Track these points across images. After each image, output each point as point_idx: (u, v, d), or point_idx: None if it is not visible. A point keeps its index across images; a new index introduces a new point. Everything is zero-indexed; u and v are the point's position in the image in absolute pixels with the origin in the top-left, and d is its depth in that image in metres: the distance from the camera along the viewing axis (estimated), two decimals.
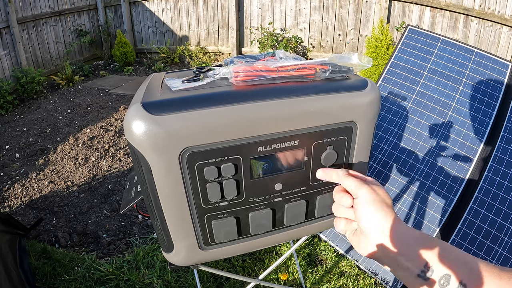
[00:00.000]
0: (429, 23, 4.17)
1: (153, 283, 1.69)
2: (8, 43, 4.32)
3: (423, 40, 1.94)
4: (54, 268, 1.81)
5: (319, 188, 0.63)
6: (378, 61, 4.07)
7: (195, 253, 0.62)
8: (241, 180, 0.57)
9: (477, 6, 3.83)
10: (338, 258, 1.78)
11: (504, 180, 1.54)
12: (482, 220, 1.50)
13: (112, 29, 5.84)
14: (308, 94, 0.55)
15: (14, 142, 3.29)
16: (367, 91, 0.59)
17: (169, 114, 0.49)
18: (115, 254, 1.95)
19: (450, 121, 1.74)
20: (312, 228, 0.69)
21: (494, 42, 3.90)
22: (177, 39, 5.69)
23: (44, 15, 4.84)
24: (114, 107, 3.97)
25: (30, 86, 4.21)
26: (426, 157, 1.71)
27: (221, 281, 1.68)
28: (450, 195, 1.61)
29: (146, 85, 0.62)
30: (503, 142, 1.60)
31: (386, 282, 1.60)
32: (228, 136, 0.52)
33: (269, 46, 4.74)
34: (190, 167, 0.53)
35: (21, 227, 1.82)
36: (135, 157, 0.54)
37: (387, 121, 1.85)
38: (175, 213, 0.56)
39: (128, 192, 0.88)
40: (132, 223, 2.22)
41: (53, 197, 2.48)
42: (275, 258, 1.81)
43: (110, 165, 2.84)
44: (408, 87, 1.88)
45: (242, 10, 5.13)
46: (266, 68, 0.56)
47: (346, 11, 4.57)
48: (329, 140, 0.59)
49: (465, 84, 1.78)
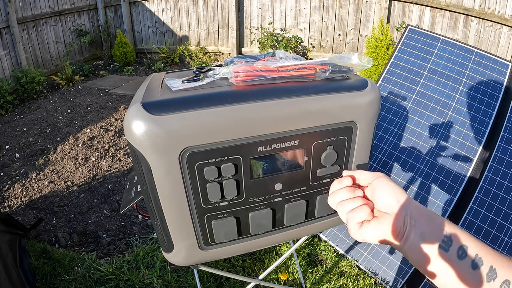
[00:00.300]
0: (429, 23, 4.17)
1: (153, 283, 1.69)
2: (8, 43, 4.32)
3: (423, 40, 1.94)
4: (54, 268, 1.81)
5: (319, 188, 0.63)
6: (378, 61, 4.07)
7: (195, 253, 0.62)
8: (241, 180, 0.57)
9: (477, 6, 3.83)
10: (338, 258, 1.78)
11: (504, 180, 1.54)
12: (482, 220, 1.50)
13: (112, 29, 5.83)
14: (308, 94, 0.55)
15: (14, 142, 3.29)
16: (367, 91, 0.59)
17: (169, 114, 0.49)
18: (115, 254, 1.95)
19: (450, 121, 1.74)
20: (312, 228, 0.69)
21: (494, 42, 3.89)
22: (177, 39, 5.69)
23: (44, 15, 4.84)
24: (114, 107, 3.97)
25: (30, 86, 4.21)
26: (426, 157, 1.71)
27: (221, 281, 1.68)
28: (450, 195, 1.61)
29: (146, 85, 0.62)
30: (503, 142, 1.60)
31: (386, 282, 1.60)
32: (228, 136, 0.52)
33: (269, 46, 4.74)
34: (190, 167, 0.53)
35: (21, 227, 1.82)
36: (135, 157, 0.54)
37: (387, 121, 1.85)
38: (175, 213, 0.56)
39: (128, 192, 0.88)
40: (132, 223, 2.22)
41: (53, 197, 2.48)
42: (275, 258, 1.81)
43: (110, 165, 2.84)
44: (408, 87, 1.87)
45: (242, 10, 5.13)
46: (266, 68, 0.56)
47: (346, 11, 4.57)
48: (329, 140, 0.59)
49: (465, 84, 1.78)
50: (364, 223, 0.50)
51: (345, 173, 0.58)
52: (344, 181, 0.55)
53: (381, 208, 0.49)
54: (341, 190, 0.54)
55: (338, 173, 0.63)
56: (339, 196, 0.54)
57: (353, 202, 0.51)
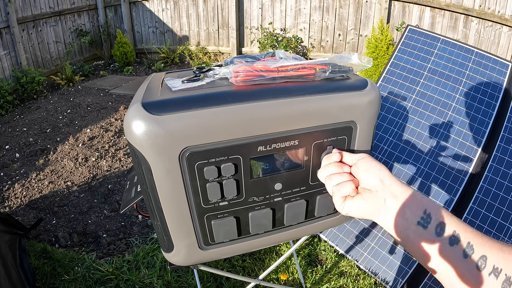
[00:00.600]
0: (429, 23, 4.17)
1: (153, 283, 1.69)
2: (8, 43, 4.32)
3: (423, 40, 1.94)
4: (54, 268, 1.81)
5: (319, 188, 0.63)
6: (378, 61, 4.07)
7: (195, 253, 0.62)
8: (241, 180, 0.57)
9: (477, 6, 3.83)
10: (338, 258, 1.78)
11: (504, 180, 1.54)
12: (482, 220, 1.50)
13: (112, 29, 5.83)
14: (308, 94, 0.55)
15: (14, 142, 3.29)
16: (367, 91, 0.59)
17: (169, 114, 0.49)
18: (115, 254, 1.95)
19: (450, 121, 1.74)
20: (312, 228, 0.69)
21: (494, 42, 3.89)
22: (177, 39, 5.69)
23: (44, 15, 4.84)
24: (114, 107, 3.97)
25: (30, 86, 4.21)
26: (426, 157, 1.71)
27: (221, 281, 1.68)
28: (450, 195, 1.61)
29: (146, 85, 0.62)
30: (503, 142, 1.60)
31: (386, 282, 1.60)
32: (228, 136, 0.52)
33: (269, 46, 4.74)
34: (190, 167, 0.53)
35: (21, 227, 1.82)
36: (135, 157, 0.54)
37: (387, 121, 1.85)
38: (175, 213, 0.56)
39: (128, 192, 0.88)
40: (132, 223, 2.22)
41: (53, 197, 2.48)
42: (275, 258, 1.81)
43: (110, 165, 2.84)
44: (408, 87, 1.88)
45: (242, 10, 5.13)
46: (266, 68, 0.56)
47: (346, 11, 4.57)
48: (329, 140, 0.59)
49: (465, 84, 1.78)
50: (348, 198, 0.53)
51: (334, 151, 0.60)
52: (333, 157, 0.58)
53: (365, 185, 0.52)
54: (330, 164, 0.57)
55: None
56: (328, 170, 0.57)
57: (340, 176, 0.55)
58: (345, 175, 0.55)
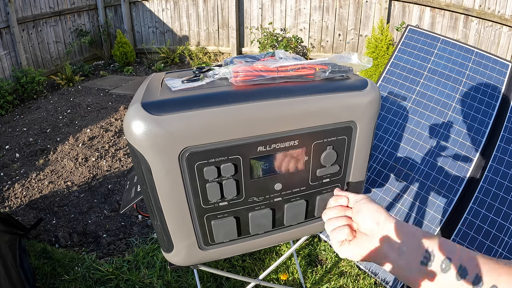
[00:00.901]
0: (429, 23, 4.17)
1: (153, 283, 1.69)
2: (8, 43, 4.32)
3: (423, 40, 1.94)
4: (54, 268, 1.81)
5: (318, 188, 0.63)
6: (378, 61, 4.06)
7: (195, 253, 0.62)
8: (241, 180, 0.57)
9: (477, 6, 3.83)
10: (338, 258, 1.78)
11: (504, 180, 1.54)
12: (482, 220, 1.50)
13: (112, 29, 5.83)
14: (308, 94, 0.55)
15: (14, 142, 3.29)
16: (367, 91, 0.59)
17: (169, 114, 0.49)
18: (115, 254, 1.95)
19: (450, 121, 1.74)
20: (312, 228, 0.69)
21: (494, 42, 3.89)
22: (177, 39, 5.69)
23: (44, 15, 4.84)
24: (114, 107, 3.97)
25: (30, 86, 4.21)
26: (426, 157, 1.71)
27: (221, 281, 1.68)
28: (450, 195, 1.61)
29: (146, 85, 0.62)
30: (503, 142, 1.60)
31: (386, 282, 1.60)
32: (227, 136, 0.52)
33: (269, 46, 4.74)
34: (189, 167, 0.53)
35: (21, 227, 1.82)
36: (135, 157, 0.54)
37: (387, 121, 1.85)
38: (175, 213, 0.56)
39: (128, 192, 0.88)
40: (132, 223, 2.22)
41: (53, 197, 2.48)
42: (275, 258, 1.81)
43: (110, 165, 2.84)
44: (408, 87, 1.87)
45: (242, 10, 5.13)
46: (266, 68, 0.56)
47: (346, 11, 4.57)
48: (329, 140, 0.59)
49: (465, 84, 1.78)
50: (344, 242, 0.53)
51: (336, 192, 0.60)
52: (340, 200, 0.58)
53: (362, 229, 0.52)
54: (332, 208, 0.58)
55: (337, 173, 0.63)
56: (328, 214, 0.57)
57: (337, 221, 0.55)
58: (343, 219, 0.55)
